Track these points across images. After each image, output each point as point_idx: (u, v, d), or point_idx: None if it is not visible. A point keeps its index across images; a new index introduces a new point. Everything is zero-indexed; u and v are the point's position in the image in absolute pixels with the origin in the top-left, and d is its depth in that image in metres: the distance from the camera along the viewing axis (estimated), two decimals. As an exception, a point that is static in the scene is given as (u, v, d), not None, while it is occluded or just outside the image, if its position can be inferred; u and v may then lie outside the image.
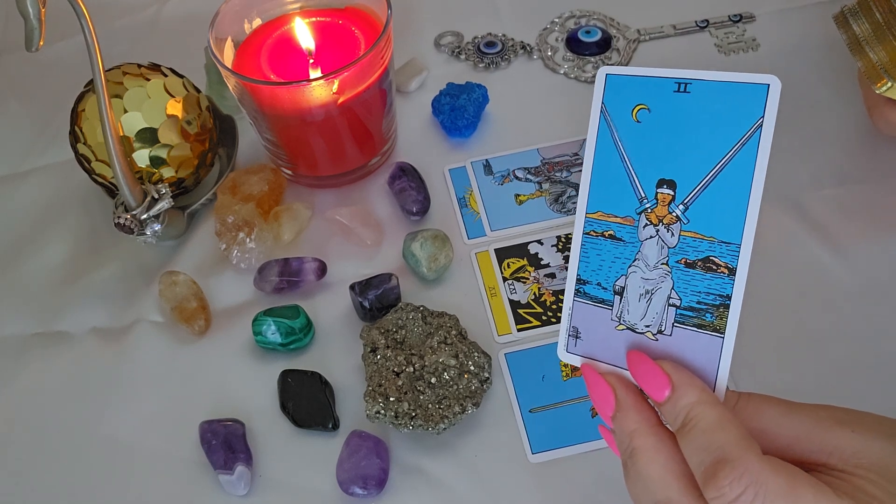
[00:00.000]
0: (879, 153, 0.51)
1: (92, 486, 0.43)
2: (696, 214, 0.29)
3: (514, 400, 0.43)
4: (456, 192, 0.53)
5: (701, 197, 0.29)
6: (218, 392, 0.45)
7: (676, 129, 0.30)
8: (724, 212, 0.29)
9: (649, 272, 0.31)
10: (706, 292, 0.29)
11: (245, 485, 0.41)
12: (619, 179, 0.31)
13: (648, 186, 0.31)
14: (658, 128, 0.30)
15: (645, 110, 0.31)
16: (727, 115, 0.29)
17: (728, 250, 0.29)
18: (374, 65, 0.48)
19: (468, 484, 0.41)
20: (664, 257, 0.30)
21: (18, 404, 0.47)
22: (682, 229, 0.30)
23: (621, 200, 0.31)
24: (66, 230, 0.55)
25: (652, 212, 0.31)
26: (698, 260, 0.30)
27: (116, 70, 0.50)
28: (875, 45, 0.44)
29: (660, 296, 0.30)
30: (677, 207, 0.30)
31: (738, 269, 0.29)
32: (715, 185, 0.29)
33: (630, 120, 0.31)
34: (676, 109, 0.30)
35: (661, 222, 0.30)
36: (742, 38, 0.60)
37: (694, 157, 0.29)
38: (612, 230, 0.32)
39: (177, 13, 0.69)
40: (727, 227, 0.29)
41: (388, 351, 0.43)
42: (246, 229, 0.49)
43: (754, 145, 0.28)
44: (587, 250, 0.32)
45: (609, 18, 0.63)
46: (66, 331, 0.49)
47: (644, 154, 0.31)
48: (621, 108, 0.31)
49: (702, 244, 0.30)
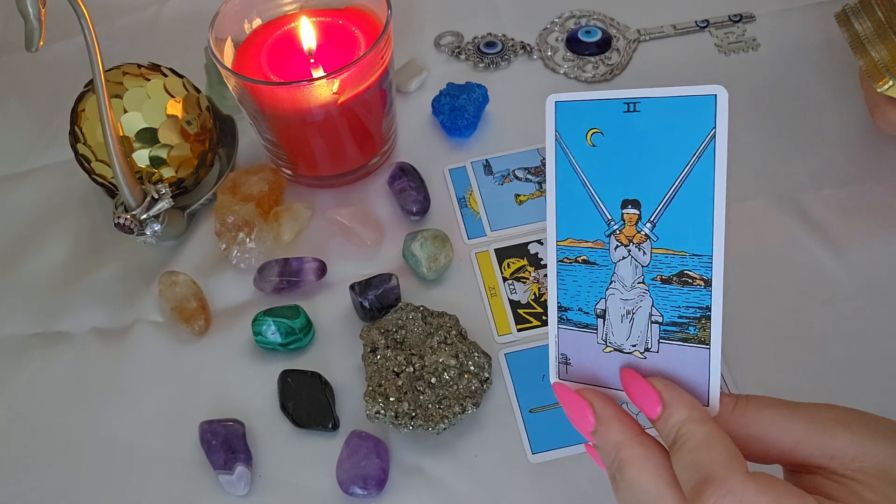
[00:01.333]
0: (879, 153, 0.51)
1: (92, 486, 0.43)
2: (664, 231, 0.29)
3: (514, 400, 0.43)
4: (456, 192, 0.53)
5: (666, 213, 0.29)
6: (218, 392, 0.45)
7: (632, 148, 0.30)
8: (691, 225, 0.29)
9: (627, 292, 0.31)
10: (685, 306, 0.29)
11: (245, 485, 0.41)
12: (584, 204, 0.31)
13: (613, 208, 0.30)
14: (614, 149, 0.30)
15: (598, 134, 0.30)
16: (680, 129, 0.29)
17: (701, 262, 0.29)
18: (374, 65, 0.48)
19: (468, 484, 0.41)
20: (639, 276, 0.30)
21: (18, 404, 0.47)
22: (652, 247, 0.30)
23: (589, 225, 0.31)
24: (66, 230, 0.55)
25: (621, 233, 0.31)
26: (673, 275, 0.30)
27: (116, 70, 0.50)
28: (877, 44, 0.44)
29: (641, 314, 0.30)
30: (645, 226, 0.30)
31: (714, 279, 0.29)
32: (678, 200, 0.29)
33: (585, 144, 0.31)
34: (629, 129, 0.30)
35: (631, 242, 0.30)
36: (742, 38, 0.60)
37: (654, 175, 0.29)
38: (584, 255, 0.32)
39: (177, 13, 0.69)
40: (696, 239, 0.29)
41: (388, 351, 0.43)
42: (246, 229, 0.49)
43: (711, 156, 0.28)
44: (563, 278, 0.32)
45: (609, 18, 0.63)
46: (66, 331, 0.49)
47: (604, 177, 0.30)
48: (575, 134, 0.31)
49: (674, 259, 0.29)
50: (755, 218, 0.49)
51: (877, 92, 0.45)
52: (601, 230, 0.31)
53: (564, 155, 0.31)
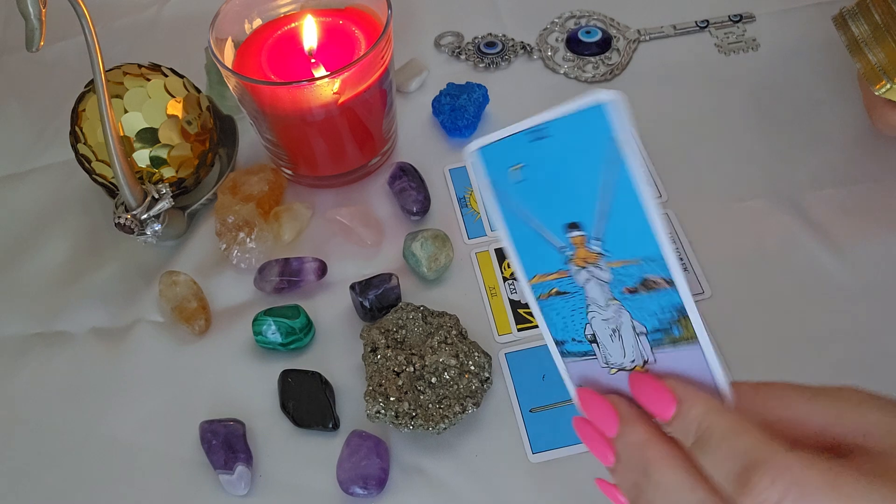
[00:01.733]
0: (879, 153, 0.51)
1: (92, 486, 0.43)
2: (612, 243, 0.29)
3: (515, 400, 0.43)
4: (456, 192, 0.53)
5: (607, 226, 0.29)
6: (218, 392, 0.45)
7: (554, 173, 0.29)
8: (632, 231, 0.28)
9: (605, 311, 0.30)
10: (660, 309, 0.29)
11: (245, 485, 0.41)
12: (535, 239, 0.31)
13: (560, 235, 0.30)
14: (539, 179, 0.30)
15: (520, 168, 0.30)
16: (585, 142, 0.28)
17: (656, 265, 0.29)
18: (374, 65, 0.48)
19: (468, 484, 0.41)
20: (608, 293, 0.30)
21: (19, 404, 0.47)
22: (607, 261, 0.29)
23: (547, 257, 0.31)
24: (66, 230, 0.55)
25: (575, 256, 0.30)
26: (637, 284, 0.29)
27: (117, 70, 0.50)
28: (874, 47, 0.44)
29: (626, 330, 0.30)
30: (593, 244, 0.30)
31: (674, 277, 0.28)
32: (612, 211, 0.28)
33: (513, 181, 0.31)
34: (544, 156, 0.29)
35: (587, 263, 0.30)
36: (742, 38, 0.60)
37: (581, 193, 0.29)
38: (555, 287, 0.31)
39: (177, 13, 0.69)
40: (643, 243, 0.28)
41: (388, 351, 0.43)
42: (246, 229, 0.49)
43: (621, 161, 0.27)
44: (547, 314, 0.32)
45: (609, 18, 0.63)
46: (66, 331, 0.49)
47: (541, 207, 0.30)
48: (501, 174, 0.31)
49: (631, 268, 0.29)
50: (755, 218, 0.49)
51: (875, 94, 0.45)
52: (559, 259, 0.31)
53: (501, 197, 0.31)
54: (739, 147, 0.53)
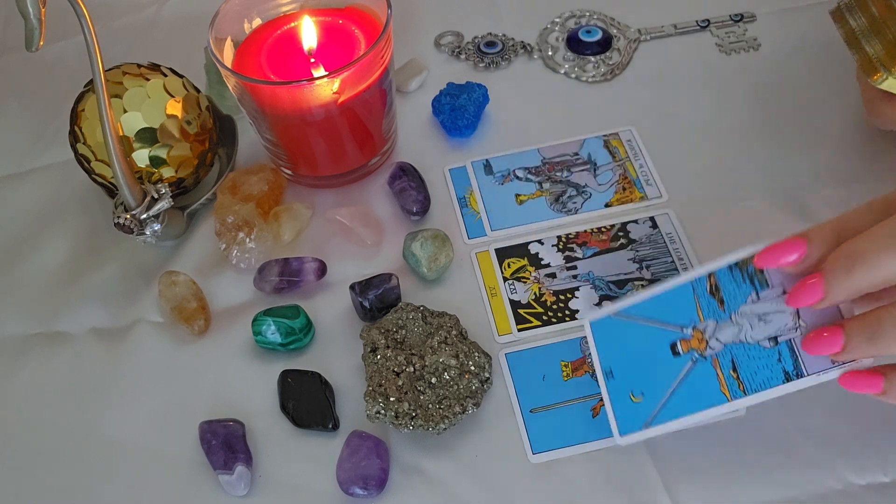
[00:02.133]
0: (879, 153, 0.51)
1: (92, 486, 0.43)
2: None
3: (515, 400, 0.43)
4: (456, 192, 0.53)
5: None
6: (218, 392, 0.45)
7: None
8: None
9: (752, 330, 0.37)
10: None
11: (245, 485, 0.41)
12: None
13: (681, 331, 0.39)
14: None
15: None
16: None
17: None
18: (374, 64, 0.48)
19: (468, 484, 0.41)
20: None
21: (18, 404, 0.47)
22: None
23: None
24: (65, 230, 0.55)
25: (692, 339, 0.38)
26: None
27: (116, 70, 0.50)
28: (871, 39, 0.44)
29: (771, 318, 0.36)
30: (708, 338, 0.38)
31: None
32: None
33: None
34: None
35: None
36: (743, 37, 0.60)
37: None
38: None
39: (176, 13, 0.69)
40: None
41: (388, 351, 0.43)
42: (246, 229, 0.49)
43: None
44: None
45: (609, 18, 0.63)
46: (65, 331, 0.49)
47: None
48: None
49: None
50: (755, 218, 0.49)
51: (872, 88, 0.45)
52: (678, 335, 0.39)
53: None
54: (739, 147, 0.53)
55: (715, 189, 0.51)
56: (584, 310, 0.46)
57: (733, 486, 0.39)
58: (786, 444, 0.40)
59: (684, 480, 0.40)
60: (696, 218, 0.50)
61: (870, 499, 0.38)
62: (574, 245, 0.49)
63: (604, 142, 0.54)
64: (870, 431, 0.40)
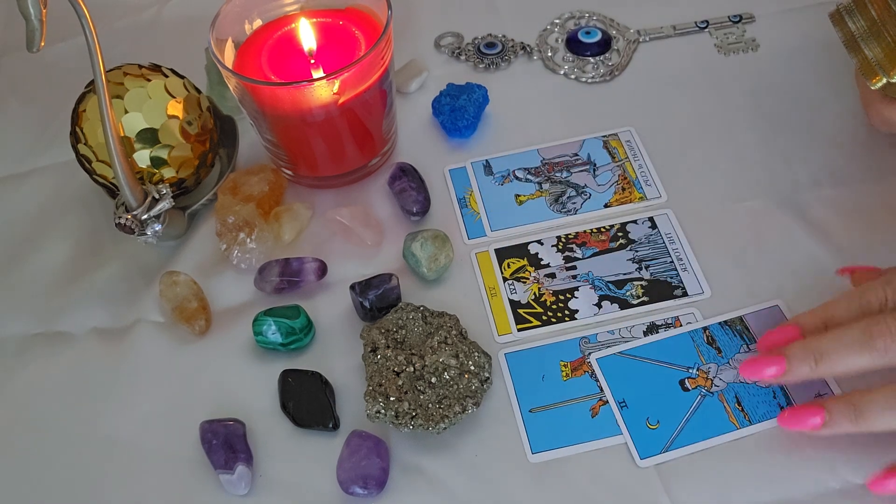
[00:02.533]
0: (879, 153, 0.51)
1: (92, 485, 0.43)
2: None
3: (514, 400, 0.43)
4: (456, 193, 0.53)
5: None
6: (218, 392, 0.45)
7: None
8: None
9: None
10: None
11: (245, 485, 0.41)
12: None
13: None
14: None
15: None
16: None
17: None
18: (374, 65, 0.48)
19: (468, 484, 0.41)
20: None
21: (19, 404, 0.47)
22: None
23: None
24: (66, 230, 0.55)
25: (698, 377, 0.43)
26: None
27: (117, 71, 0.50)
28: (870, 42, 0.44)
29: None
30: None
31: None
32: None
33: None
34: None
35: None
36: (742, 38, 0.60)
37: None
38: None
39: (177, 14, 0.69)
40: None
41: (388, 351, 0.43)
42: (246, 229, 0.49)
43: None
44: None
45: (609, 19, 0.63)
46: (66, 331, 0.49)
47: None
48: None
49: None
50: (755, 218, 0.49)
51: (871, 90, 0.46)
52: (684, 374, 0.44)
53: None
54: (739, 147, 0.53)
55: (714, 189, 0.51)
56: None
57: (733, 485, 0.39)
58: (785, 444, 0.40)
59: (684, 480, 0.40)
60: (695, 218, 0.50)
61: (869, 498, 0.38)
62: (573, 245, 0.49)
63: (603, 142, 0.55)
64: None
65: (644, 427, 0.41)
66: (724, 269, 0.47)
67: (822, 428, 0.38)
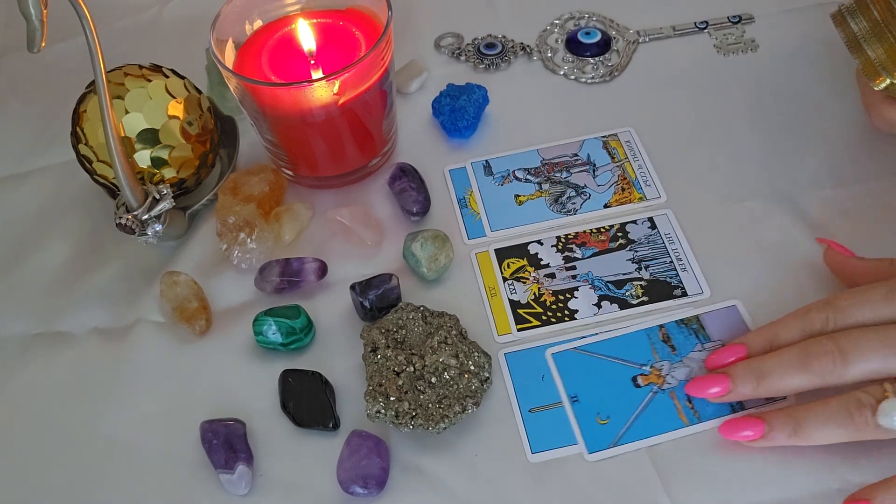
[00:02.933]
0: (879, 153, 0.51)
1: (92, 485, 0.43)
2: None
3: (514, 400, 0.43)
4: (456, 193, 0.53)
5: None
6: (218, 392, 0.45)
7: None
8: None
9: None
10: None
11: (246, 484, 0.41)
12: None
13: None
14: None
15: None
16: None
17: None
18: (374, 66, 0.48)
19: (468, 483, 0.41)
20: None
21: (19, 404, 0.47)
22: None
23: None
24: (67, 231, 0.55)
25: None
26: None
27: (118, 71, 0.50)
28: (873, 43, 0.44)
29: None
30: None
31: None
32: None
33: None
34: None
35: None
36: (741, 39, 0.60)
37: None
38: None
39: (178, 14, 0.69)
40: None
41: (388, 351, 0.43)
42: (247, 230, 0.49)
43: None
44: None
45: (608, 20, 0.63)
46: (67, 331, 0.49)
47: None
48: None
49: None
50: (755, 218, 0.49)
51: (873, 90, 0.46)
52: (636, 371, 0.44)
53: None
54: (739, 147, 0.53)
55: (713, 190, 0.51)
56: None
57: (732, 485, 0.39)
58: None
59: (683, 480, 0.40)
60: (695, 218, 0.50)
61: (868, 498, 0.38)
62: (573, 245, 0.49)
63: (603, 143, 0.55)
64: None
65: (594, 422, 0.42)
66: (723, 269, 0.47)
67: (759, 441, 0.38)
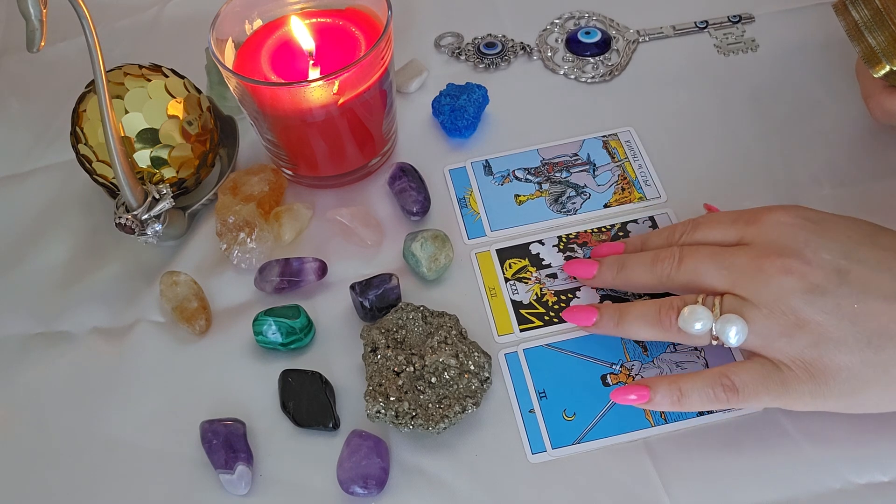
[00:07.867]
0: (879, 153, 0.51)
1: (92, 486, 0.43)
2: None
3: (514, 400, 0.43)
4: (456, 193, 0.53)
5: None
6: (219, 392, 0.45)
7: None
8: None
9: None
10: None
11: (246, 484, 0.41)
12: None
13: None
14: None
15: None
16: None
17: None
18: (374, 65, 0.48)
19: (468, 484, 0.41)
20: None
21: (19, 404, 0.47)
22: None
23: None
24: (67, 230, 0.55)
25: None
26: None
27: (117, 71, 0.50)
28: (874, 30, 0.44)
29: None
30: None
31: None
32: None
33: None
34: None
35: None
36: (741, 38, 0.60)
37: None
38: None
39: (178, 14, 0.69)
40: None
41: (388, 350, 0.43)
42: (247, 229, 0.49)
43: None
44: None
45: (608, 19, 0.63)
46: (67, 331, 0.49)
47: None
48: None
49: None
50: (755, 218, 0.49)
51: (873, 81, 0.46)
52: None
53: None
54: (739, 147, 0.53)
55: (713, 189, 0.51)
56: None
57: (732, 485, 0.39)
58: (785, 443, 0.40)
59: (684, 480, 0.40)
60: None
61: (869, 498, 0.38)
62: (574, 245, 0.49)
63: (603, 142, 0.55)
64: (868, 431, 0.40)
65: (560, 418, 0.42)
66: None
67: (592, 328, 0.43)
